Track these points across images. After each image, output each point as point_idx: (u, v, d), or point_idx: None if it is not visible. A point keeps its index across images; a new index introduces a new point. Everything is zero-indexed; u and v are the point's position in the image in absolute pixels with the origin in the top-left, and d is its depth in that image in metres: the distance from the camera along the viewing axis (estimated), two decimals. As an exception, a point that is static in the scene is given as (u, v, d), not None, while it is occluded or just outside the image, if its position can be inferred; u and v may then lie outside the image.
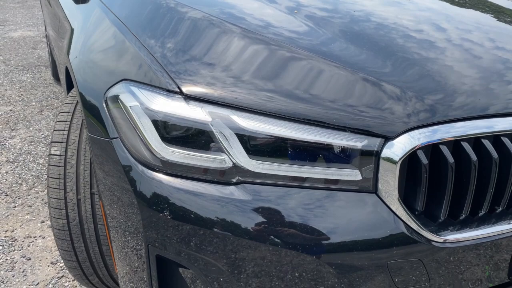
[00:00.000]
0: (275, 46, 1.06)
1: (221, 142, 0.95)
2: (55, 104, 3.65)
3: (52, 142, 1.39)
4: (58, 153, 1.35)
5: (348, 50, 1.10)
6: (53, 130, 1.41)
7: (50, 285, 1.79)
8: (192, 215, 0.95)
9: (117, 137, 1.06)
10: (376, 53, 1.09)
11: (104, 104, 1.11)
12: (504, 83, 1.07)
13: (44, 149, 2.92)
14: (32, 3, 8.38)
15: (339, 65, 1.03)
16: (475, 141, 0.96)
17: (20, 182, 2.52)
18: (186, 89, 0.98)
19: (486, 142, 0.95)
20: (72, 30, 1.62)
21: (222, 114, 0.95)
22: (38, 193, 2.41)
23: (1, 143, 2.99)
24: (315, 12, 1.31)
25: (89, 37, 1.41)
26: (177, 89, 0.99)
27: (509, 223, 1.02)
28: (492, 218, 1.02)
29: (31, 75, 4.35)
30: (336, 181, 0.94)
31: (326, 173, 0.94)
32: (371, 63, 1.05)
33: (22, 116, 3.41)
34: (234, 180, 0.95)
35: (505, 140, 0.96)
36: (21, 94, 3.85)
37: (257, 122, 0.94)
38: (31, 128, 3.20)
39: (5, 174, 2.60)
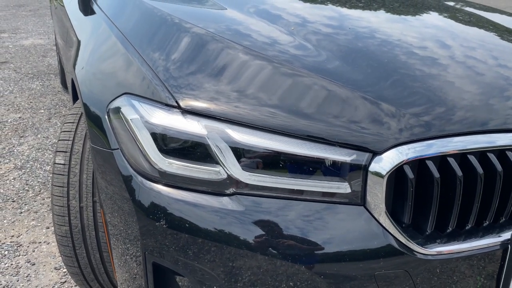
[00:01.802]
0: (277, 64, 1.11)
1: (216, 155, 0.99)
2: (63, 112, 3.72)
3: (56, 151, 1.44)
4: (62, 162, 1.40)
5: (346, 66, 1.13)
6: (58, 140, 1.46)
7: (53, 290, 1.83)
8: (187, 225, 0.99)
9: (118, 148, 1.10)
10: (375, 70, 1.13)
11: (106, 116, 1.15)
12: (504, 99, 1.09)
13: (51, 156, 2.98)
14: (43, 11, 8.53)
15: (336, 83, 1.06)
16: (461, 156, 0.99)
17: (27, 188, 2.57)
18: (184, 103, 1.03)
19: (472, 158, 0.98)
20: (78, 42, 1.67)
21: (218, 127, 0.99)
22: (44, 199, 2.46)
23: (10, 150, 3.05)
24: (319, 29, 1.35)
25: (94, 50, 1.46)
26: (175, 104, 1.03)
27: (499, 236, 1.04)
28: (479, 231, 1.04)
29: (40, 83, 4.43)
30: (326, 194, 0.98)
31: (316, 186, 0.97)
32: (367, 80, 1.09)
33: (30, 123, 3.48)
34: (228, 192, 0.99)
35: (491, 156, 0.99)
36: (30, 102, 3.93)
37: (251, 136, 0.98)
38: (39, 136, 3.27)
39: (13, 180, 2.66)
